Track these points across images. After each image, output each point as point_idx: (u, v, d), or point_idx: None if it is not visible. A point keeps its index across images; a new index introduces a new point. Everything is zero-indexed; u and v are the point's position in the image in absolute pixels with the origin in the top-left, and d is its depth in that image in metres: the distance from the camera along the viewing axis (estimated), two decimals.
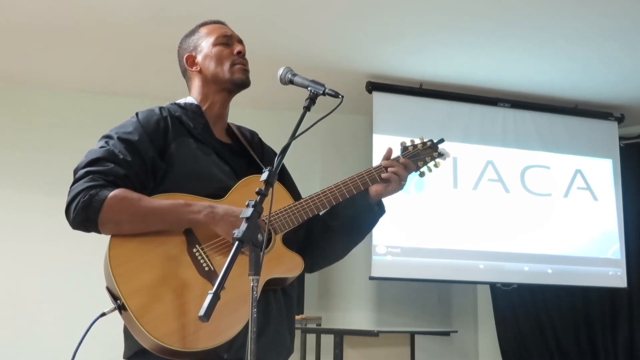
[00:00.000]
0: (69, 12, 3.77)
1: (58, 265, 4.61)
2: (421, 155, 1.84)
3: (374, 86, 4.78)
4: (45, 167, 4.74)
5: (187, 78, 1.86)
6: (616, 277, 5.02)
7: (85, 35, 4.07)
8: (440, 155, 1.87)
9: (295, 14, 3.85)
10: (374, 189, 1.77)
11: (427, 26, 4.00)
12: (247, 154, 1.81)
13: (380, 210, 1.82)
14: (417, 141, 1.87)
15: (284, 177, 1.85)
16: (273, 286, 1.62)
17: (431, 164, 1.86)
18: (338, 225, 1.79)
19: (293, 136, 1.52)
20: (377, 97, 4.80)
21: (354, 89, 4.71)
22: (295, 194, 1.81)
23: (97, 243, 1.64)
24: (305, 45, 4.27)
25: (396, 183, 1.75)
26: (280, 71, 1.67)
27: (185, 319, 1.45)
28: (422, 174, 1.85)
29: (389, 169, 1.75)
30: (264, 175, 1.43)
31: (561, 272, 4.92)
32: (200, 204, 1.56)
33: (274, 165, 1.46)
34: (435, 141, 1.89)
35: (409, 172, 1.79)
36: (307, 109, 1.58)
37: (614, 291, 5.13)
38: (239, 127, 1.91)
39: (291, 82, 1.66)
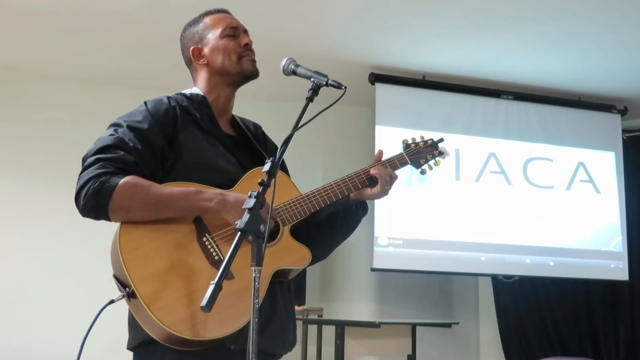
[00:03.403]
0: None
1: (62, 256, 4.62)
2: (422, 153, 1.88)
3: (376, 78, 4.77)
4: (46, 158, 4.74)
5: (192, 69, 1.84)
6: (618, 269, 5.03)
7: (85, 24, 4.06)
8: (441, 154, 1.92)
9: (298, 4, 3.84)
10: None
11: (430, 18, 3.98)
12: (251, 147, 1.81)
13: (363, 211, 1.83)
14: (418, 139, 1.90)
15: (282, 170, 1.84)
16: (279, 278, 1.62)
17: (432, 162, 1.91)
18: (319, 222, 1.79)
19: (296, 127, 1.52)
20: (380, 88, 4.80)
21: (357, 81, 4.71)
22: None
23: (104, 231, 1.64)
24: (309, 36, 4.26)
25: (381, 187, 1.74)
26: (283, 62, 1.67)
27: (195, 307, 1.44)
28: (423, 172, 1.90)
29: (376, 173, 1.75)
30: (267, 166, 1.43)
31: (563, 264, 4.93)
32: (211, 192, 1.56)
33: (277, 157, 1.46)
34: (435, 140, 1.93)
35: (393, 182, 1.78)
36: (309, 100, 1.58)
37: (616, 284, 5.14)
38: (243, 120, 1.90)
39: (294, 73, 1.65)
